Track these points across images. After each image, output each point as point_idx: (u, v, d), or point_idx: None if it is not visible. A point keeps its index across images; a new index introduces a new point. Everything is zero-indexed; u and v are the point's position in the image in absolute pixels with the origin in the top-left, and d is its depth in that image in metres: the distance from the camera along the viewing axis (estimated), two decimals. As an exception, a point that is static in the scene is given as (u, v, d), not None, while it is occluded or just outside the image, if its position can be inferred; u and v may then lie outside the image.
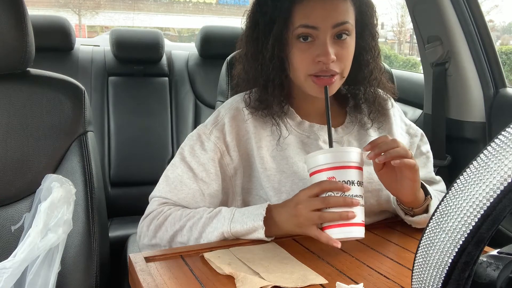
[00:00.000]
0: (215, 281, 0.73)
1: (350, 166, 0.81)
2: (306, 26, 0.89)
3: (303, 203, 0.81)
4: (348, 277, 0.75)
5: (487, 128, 1.48)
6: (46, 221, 0.90)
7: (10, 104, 1.04)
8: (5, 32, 0.99)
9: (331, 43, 0.90)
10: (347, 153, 0.81)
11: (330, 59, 0.88)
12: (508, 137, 0.35)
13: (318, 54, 0.89)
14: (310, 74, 0.92)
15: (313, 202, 0.80)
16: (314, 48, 0.90)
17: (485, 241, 0.35)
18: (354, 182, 0.80)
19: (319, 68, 0.90)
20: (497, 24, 10.10)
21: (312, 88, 0.93)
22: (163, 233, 0.92)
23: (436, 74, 1.55)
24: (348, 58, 0.93)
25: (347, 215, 0.78)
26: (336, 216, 0.78)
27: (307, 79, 0.92)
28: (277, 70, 0.94)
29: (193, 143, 0.97)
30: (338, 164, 0.80)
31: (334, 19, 0.89)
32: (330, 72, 0.90)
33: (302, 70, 0.92)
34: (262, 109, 0.97)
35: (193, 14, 14.60)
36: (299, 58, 0.92)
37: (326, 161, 0.80)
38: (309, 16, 0.89)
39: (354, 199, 0.79)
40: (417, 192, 0.89)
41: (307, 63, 0.91)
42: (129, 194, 2.04)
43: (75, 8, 13.34)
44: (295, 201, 0.83)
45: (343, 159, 0.80)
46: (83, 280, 1.01)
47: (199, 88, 2.22)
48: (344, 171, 0.80)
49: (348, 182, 0.80)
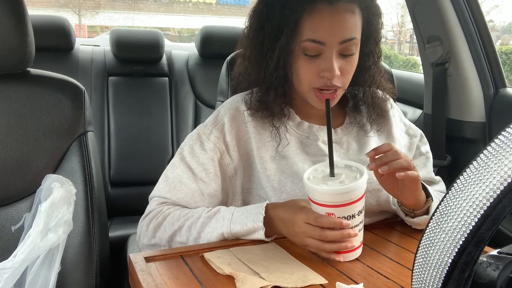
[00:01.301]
0: (215, 281, 0.73)
1: (353, 202, 0.77)
2: (314, 41, 0.87)
3: (300, 228, 0.80)
4: (348, 277, 0.75)
5: (487, 128, 1.48)
6: (47, 221, 0.90)
7: (10, 104, 1.04)
8: (5, 32, 0.99)
9: (337, 58, 0.89)
10: (352, 192, 0.76)
11: (334, 75, 0.88)
12: (508, 137, 0.35)
13: (323, 69, 0.88)
14: (314, 87, 0.91)
15: (310, 231, 0.79)
16: (319, 62, 0.89)
17: (485, 241, 0.35)
18: (355, 214, 0.78)
19: (323, 83, 0.89)
20: (497, 24, 10.09)
21: (315, 101, 0.93)
22: (162, 232, 0.92)
23: (436, 74, 1.55)
24: (351, 72, 0.93)
25: (346, 247, 0.78)
26: (335, 247, 0.79)
27: (311, 91, 0.92)
28: (280, 79, 0.94)
29: (192, 143, 0.97)
30: (340, 203, 0.77)
31: (341, 35, 0.87)
32: (334, 87, 0.90)
33: (306, 82, 0.92)
34: (262, 110, 0.96)
35: (193, 14, 14.59)
36: (304, 71, 0.91)
37: (324, 200, 0.77)
38: (317, 30, 0.87)
39: (352, 231, 0.78)
40: (418, 197, 0.89)
41: (311, 76, 0.90)
42: (129, 194, 2.04)
43: (75, 8, 13.33)
44: (293, 222, 0.82)
45: (346, 199, 0.77)
46: (83, 280, 1.01)
47: (199, 88, 2.22)
48: (346, 208, 0.77)
49: (349, 216, 0.77)
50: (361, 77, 0.99)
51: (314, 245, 0.80)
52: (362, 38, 0.93)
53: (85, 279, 1.01)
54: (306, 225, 0.79)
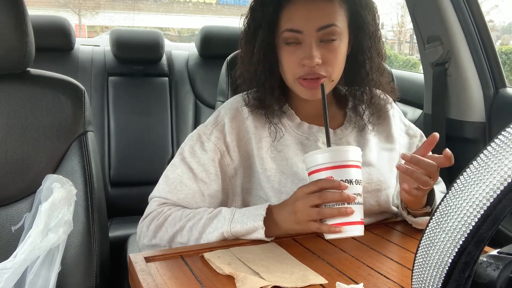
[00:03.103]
0: (215, 281, 0.73)
1: (348, 165, 0.80)
2: (291, 30, 0.90)
3: (301, 200, 0.81)
4: (348, 277, 0.75)
5: (487, 128, 1.48)
6: (47, 221, 0.90)
7: (10, 104, 1.04)
8: (5, 32, 0.99)
9: (317, 46, 0.90)
10: (346, 152, 0.81)
11: (314, 62, 0.89)
12: (508, 137, 0.35)
13: (303, 57, 0.90)
14: (297, 77, 0.92)
15: (310, 198, 0.80)
16: (300, 51, 0.91)
17: (485, 241, 0.35)
18: (352, 181, 0.80)
19: (305, 71, 0.91)
20: (497, 24, 10.10)
21: (301, 91, 0.94)
22: (163, 233, 0.92)
23: (436, 74, 1.55)
24: (336, 61, 0.92)
25: (346, 211, 0.78)
26: (335, 211, 0.78)
27: (295, 82, 0.94)
28: (266, 73, 0.95)
29: (193, 144, 0.97)
30: (336, 163, 0.80)
31: (318, 22, 0.89)
32: (316, 75, 0.91)
33: (290, 73, 0.93)
34: (260, 108, 0.97)
35: (193, 14, 14.59)
36: (286, 61, 0.93)
37: (324, 161, 0.80)
38: (293, 20, 0.90)
39: (351, 195, 0.79)
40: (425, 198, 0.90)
41: (293, 66, 0.92)
42: (129, 194, 2.04)
43: (75, 8, 13.33)
44: (293, 199, 0.83)
45: (342, 158, 0.80)
46: (83, 280, 1.01)
47: (199, 88, 2.22)
48: (342, 170, 0.80)
49: (346, 181, 0.79)
50: (357, 75, 0.99)
51: (316, 211, 0.79)
52: (352, 30, 0.95)
53: (85, 279, 1.01)
54: (307, 195, 0.80)
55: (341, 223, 0.79)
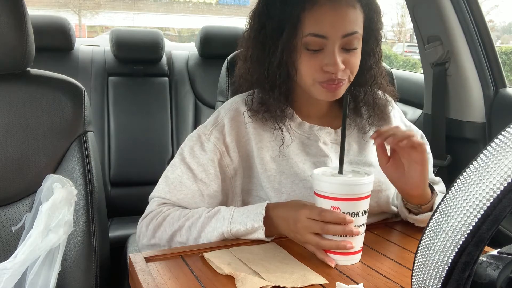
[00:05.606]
0: (215, 281, 0.73)
1: (359, 198, 0.77)
2: (316, 35, 0.87)
3: (302, 223, 0.80)
4: (348, 277, 0.75)
5: (487, 128, 1.48)
6: (47, 222, 0.90)
7: (10, 104, 1.04)
8: (5, 32, 0.99)
9: (339, 53, 0.89)
10: (360, 186, 0.76)
11: (338, 69, 0.88)
12: (508, 137, 0.35)
13: (326, 63, 0.88)
14: (318, 81, 0.91)
15: (312, 225, 0.78)
16: (322, 56, 0.89)
17: (485, 241, 0.35)
18: (359, 213, 0.77)
19: (327, 77, 0.89)
20: (497, 24, 10.10)
21: (321, 92, 0.92)
22: (162, 233, 0.92)
23: (436, 74, 1.55)
24: (355, 65, 0.92)
25: (345, 246, 0.77)
26: (334, 245, 0.78)
27: (315, 85, 0.92)
28: (284, 77, 0.93)
29: (193, 144, 0.97)
30: (346, 196, 0.76)
31: (344, 29, 0.87)
32: (338, 81, 0.90)
33: (310, 77, 0.91)
34: (263, 112, 0.96)
35: (193, 14, 14.59)
36: (307, 66, 0.90)
37: (332, 191, 0.77)
38: (319, 24, 0.87)
39: (355, 229, 0.77)
40: (426, 181, 0.87)
41: (314, 70, 0.90)
42: (129, 194, 2.05)
43: (75, 8, 13.33)
44: (294, 218, 0.81)
45: (353, 192, 0.76)
46: (83, 280, 1.01)
47: (199, 88, 2.23)
48: (351, 203, 0.76)
49: (353, 213, 0.76)
50: (362, 77, 0.99)
51: (314, 241, 0.79)
52: (363, 35, 0.93)
53: (85, 279, 1.01)
54: (308, 220, 0.79)
55: (338, 253, 0.79)
